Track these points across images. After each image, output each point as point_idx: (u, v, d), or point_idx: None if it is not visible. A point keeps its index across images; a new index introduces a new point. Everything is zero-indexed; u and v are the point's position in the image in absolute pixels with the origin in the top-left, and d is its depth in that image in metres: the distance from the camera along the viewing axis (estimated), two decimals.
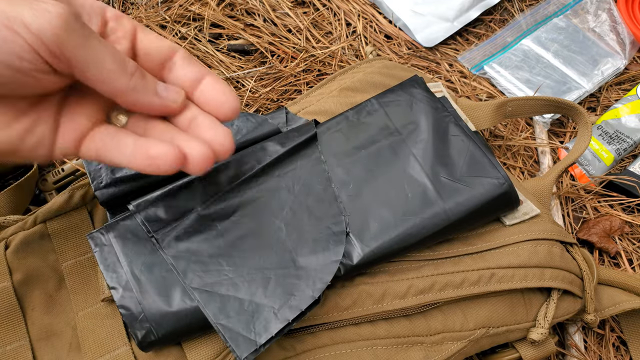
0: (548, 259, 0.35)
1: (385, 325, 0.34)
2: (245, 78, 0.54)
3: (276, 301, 0.29)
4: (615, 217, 0.48)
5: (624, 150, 0.52)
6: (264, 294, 0.29)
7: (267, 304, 0.29)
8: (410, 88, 0.38)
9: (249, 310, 0.28)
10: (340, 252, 0.31)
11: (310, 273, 0.30)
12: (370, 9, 0.60)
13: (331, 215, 0.33)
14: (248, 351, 0.27)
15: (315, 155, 0.35)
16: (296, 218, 0.32)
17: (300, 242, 0.31)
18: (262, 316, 0.28)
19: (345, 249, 0.32)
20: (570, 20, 0.61)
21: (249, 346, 0.27)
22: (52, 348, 0.31)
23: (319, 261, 0.31)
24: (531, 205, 0.37)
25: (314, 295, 0.29)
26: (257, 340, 0.27)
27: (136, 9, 0.58)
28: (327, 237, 0.32)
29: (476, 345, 0.36)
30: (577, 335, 0.42)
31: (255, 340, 0.27)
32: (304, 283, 0.30)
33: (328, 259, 0.31)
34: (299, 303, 0.29)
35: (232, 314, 0.28)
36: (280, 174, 0.34)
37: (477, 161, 0.35)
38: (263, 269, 0.30)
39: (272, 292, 0.29)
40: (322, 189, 0.34)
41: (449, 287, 0.34)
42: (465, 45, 0.60)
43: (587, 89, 0.56)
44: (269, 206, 0.32)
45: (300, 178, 0.34)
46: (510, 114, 0.46)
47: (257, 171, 0.33)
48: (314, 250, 0.31)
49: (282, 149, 0.34)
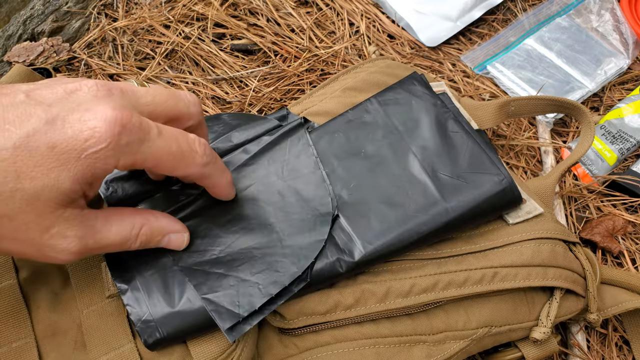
0: (551, 258, 0.35)
1: (388, 324, 0.34)
2: (248, 78, 0.54)
3: (261, 277, 0.30)
4: (618, 217, 0.48)
5: (627, 150, 0.51)
6: (249, 272, 0.30)
7: (252, 280, 0.30)
8: (410, 85, 0.38)
9: (234, 285, 0.30)
10: (326, 232, 0.32)
11: (296, 251, 0.31)
12: (373, 8, 0.60)
13: (319, 196, 0.33)
14: (230, 322, 0.28)
15: (303, 140, 0.36)
16: (284, 201, 0.33)
17: (287, 222, 0.32)
18: (246, 291, 0.29)
19: (347, 247, 0.32)
20: (573, 19, 0.61)
21: (232, 318, 0.28)
22: (58, 345, 0.31)
23: (304, 240, 0.32)
24: (534, 204, 0.37)
25: (297, 272, 0.30)
26: (240, 312, 0.29)
27: (140, 9, 0.58)
28: (314, 217, 0.32)
29: (479, 344, 0.36)
30: (580, 335, 0.42)
31: (238, 313, 0.29)
32: (289, 260, 0.31)
33: (313, 238, 0.32)
34: (283, 279, 0.30)
35: (219, 290, 0.29)
36: (269, 161, 0.35)
37: (476, 158, 0.35)
38: (250, 250, 0.31)
39: (257, 269, 0.30)
40: (310, 172, 0.35)
41: (452, 286, 0.34)
42: (468, 45, 0.60)
43: (590, 89, 0.56)
44: (259, 191, 0.34)
45: (289, 162, 0.35)
46: (513, 113, 0.46)
47: (247, 160, 0.35)
48: (301, 230, 0.32)
49: (270, 138, 0.36)
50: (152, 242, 0.29)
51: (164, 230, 0.29)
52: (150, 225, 0.28)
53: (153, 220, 0.29)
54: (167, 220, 0.30)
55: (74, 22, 0.56)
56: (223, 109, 0.52)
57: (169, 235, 0.29)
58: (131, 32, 0.56)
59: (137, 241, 0.28)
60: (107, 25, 0.56)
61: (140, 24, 0.56)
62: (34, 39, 0.55)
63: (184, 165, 0.27)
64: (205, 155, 0.28)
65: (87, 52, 0.55)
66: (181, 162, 0.26)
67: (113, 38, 0.56)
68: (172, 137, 0.26)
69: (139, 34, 0.56)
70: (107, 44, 0.55)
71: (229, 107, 0.52)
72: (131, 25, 0.56)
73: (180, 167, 0.27)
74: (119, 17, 0.57)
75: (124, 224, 0.27)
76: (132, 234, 0.27)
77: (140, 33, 0.56)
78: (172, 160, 0.26)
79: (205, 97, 0.53)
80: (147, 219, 0.28)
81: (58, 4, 0.56)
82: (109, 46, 0.55)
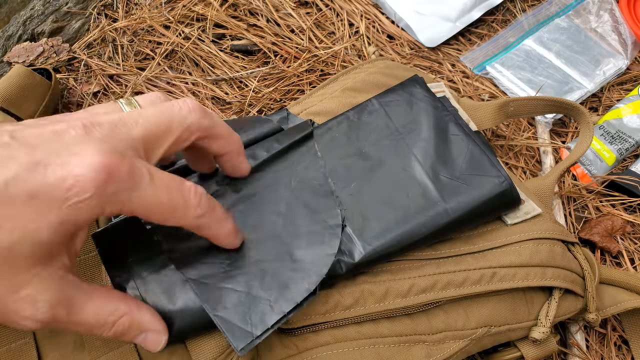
0: (550, 258, 0.35)
1: (387, 323, 0.34)
2: (248, 78, 0.54)
3: (272, 293, 0.29)
4: (617, 217, 0.48)
5: (625, 150, 0.52)
6: (260, 287, 0.30)
7: (263, 296, 0.29)
8: (411, 87, 0.39)
9: (245, 302, 0.29)
10: (336, 245, 0.31)
11: (306, 266, 0.31)
12: (372, 9, 0.60)
13: (327, 209, 0.33)
14: (244, 342, 0.28)
15: (312, 151, 0.36)
16: (292, 212, 0.33)
17: (296, 235, 0.32)
18: (258, 308, 0.29)
19: (346, 247, 0.32)
20: (572, 20, 0.61)
21: (245, 337, 0.28)
22: (57, 346, 0.31)
23: (314, 254, 0.31)
24: (533, 205, 0.37)
25: (309, 288, 0.30)
26: (253, 331, 0.28)
27: (140, 9, 0.58)
28: (323, 230, 0.32)
29: (478, 344, 0.36)
30: (579, 334, 0.43)
31: (251, 332, 0.28)
32: (300, 276, 0.30)
33: (323, 252, 0.31)
34: (294, 295, 0.29)
35: (229, 306, 0.29)
36: (277, 170, 0.34)
37: (476, 160, 0.35)
38: (259, 262, 0.30)
39: (268, 284, 0.30)
40: (318, 184, 0.34)
41: (451, 286, 0.34)
42: (468, 46, 0.60)
43: (589, 89, 0.56)
44: (266, 201, 0.33)
45: (297, 173, 0.34)
46: (512, 113, 0.46)
47: (254, 167, 0.34)
48: (310, 243, 0.31)
49: (280, 146, 0.35)
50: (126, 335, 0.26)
51: (142, 327, 0.27)
52: (131, 317, 0.26)
53: (136, 313, 0.26)
54: (151, 317, 0.27)
55: (73, 22, 0.56)
56: (223, 109, 0.52)
57: (146, 334, 0.27)
58: (131, 33, 0.56)
59: (112, 330, 0.25)
60: (107, 25, 0.56)
61: (140, 25, 0.56)
62: (33, 40, 0.55)
63: (176, 217, 0.25)
64: (200, 206, 0.25)
65: (87, 52, 0.55)
66: (173, 214, 0.24)
67: (113, 38, 0.56)
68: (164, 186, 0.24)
69: (139, 34, 0.56)
70: (107, 44, 0.56)
71: (229, 107, 0.52)
72: (131, 25, 0.56)
73: (173, 219, 0.25)
74: (118, 18, 0.57)
75: (105, 306, 0.25)
76: (108, 320, 0.25)
77: (140, 33, 0.56)
78: (163, 211, 0.24)
79: (205, 97, 0.53)
80: (131, 310, 0.26)
81: (58, 4, 0.56)
82: (108, 46, 0.55)
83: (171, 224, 0.25)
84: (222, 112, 0.52)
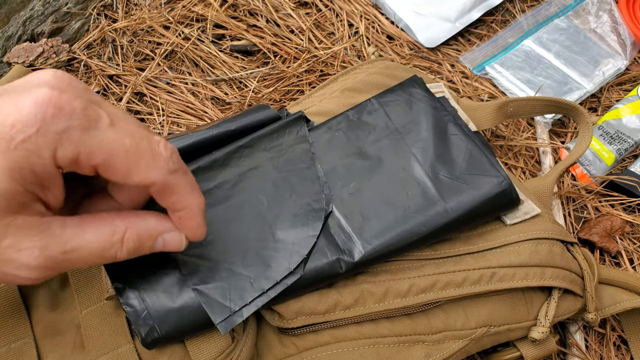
0: (549, 258, 0.35)
1: (387, 323, 0.34)
2: (248, 78, 0.54)
3: (253, 271, 0.30)
4: (616, 217, 0.48)
5: (624, 151, 0.52)
6: (241, 264, 0.30)
7: (244, 273, 0.30)
8: (410, 88, 0.39)
9: (226, 278, 0.30)
10: (319, 227, 0.32)
11: (288, 246, 0.31)
12: (372, 9, 0.60)
13: (312, 192, 0.34)
14: (222, 317, 0.28)
15: (301, 132, 0.36)
16: (278, 193, 0.33)
17: (280, 216, 0.32)
18: (238, 285, 0.29)
19: (346, 247, 0.32)
20: (571, 21, 0.61)
21: (223, 312, 0.29)
22: (57, 346, 0.31)
23: (297, 235, 0.32)
24: (532, 205, 0.37)
25: (289, 267, 0.30)
26: (231, 306, 0.29)
27: (139, 10, 0.58)
28: (307, 213, 0.33)
29: (477, 344, 0.36)
30: (578, 334, 0.43)
31: (229, 307, 0.29)
32: (281, 255, 0.31)
33: (306, 234, 0.32)
34: (274, 274, 0.30)
35: (210, 281, 0.29)
36: (266, 148, 0.35)
37: (476, 160, 0.35)
38: (242, 240, 0.31)
39: (249, 262, 0.30)
40: (305, 167, 0.35)
41: (450, 286, 0.34)
42: (467, 46, 0.60)
43: (588, 90, 0.56)
44: (253, 179, 0.34)
45: (285, 153, 0.35)
46: (511, 114, 0.46)
47: (245, 143, 0.35)
48: (293, 224, 0.32)
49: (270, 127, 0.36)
50: (143, 248, 0.24)
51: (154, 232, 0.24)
52: (136, 228, 0.24)
53: (138, 222, 0.24)
54: (156, 219, 0.25)
55: (73, 23, 0.56)
56: (222, 109, 0.52)
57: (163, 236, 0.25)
58: (131, 33, 0.56)
59: (123, 249, 0.23)
60: (107, 26, 0.57)
61: (139, 25, 0.56)
62: (33, 40, 0.55)
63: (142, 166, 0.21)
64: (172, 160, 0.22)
65: (86, 52, 0.55)
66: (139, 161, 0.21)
67: (113, 39, 0.56)
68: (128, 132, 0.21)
69: (139, 34, 0.56)
70: (106, 44, 0.56)
71: (229, 107, 0.52)
72: (131, 26, 0.56)
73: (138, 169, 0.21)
74: (118, 18, 0.57)
75: (101, 229, 0.23)
76: (113, 241, 0.23)
77: (139, 34, 0.56)
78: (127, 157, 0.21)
79: (205, 97, 0.53)
80: (131, 222, 0.24)
81: (58, 4, 0.56)
82: (108, 47, 0.55)
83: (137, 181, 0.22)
84: (222, 112, 0.52)
